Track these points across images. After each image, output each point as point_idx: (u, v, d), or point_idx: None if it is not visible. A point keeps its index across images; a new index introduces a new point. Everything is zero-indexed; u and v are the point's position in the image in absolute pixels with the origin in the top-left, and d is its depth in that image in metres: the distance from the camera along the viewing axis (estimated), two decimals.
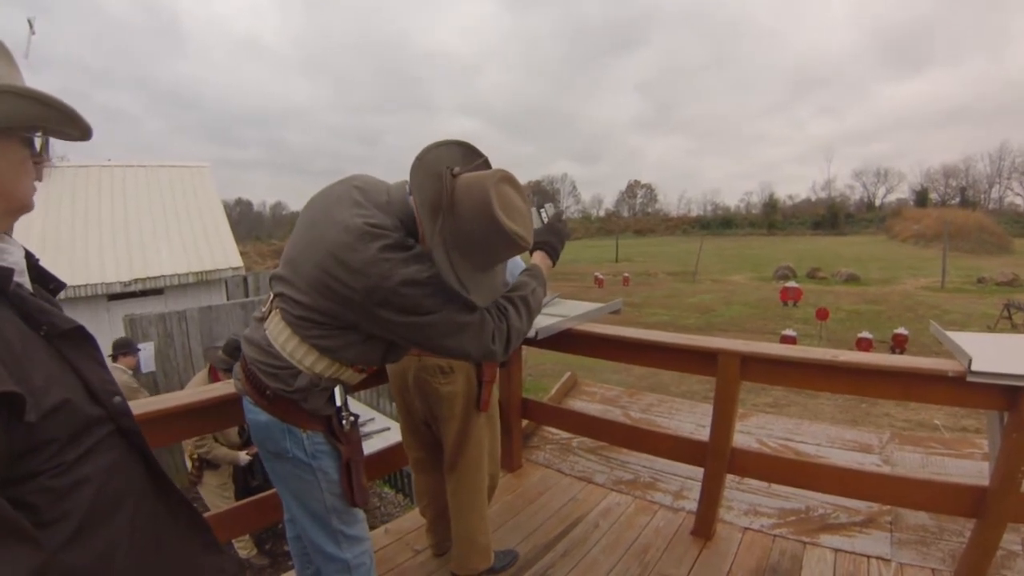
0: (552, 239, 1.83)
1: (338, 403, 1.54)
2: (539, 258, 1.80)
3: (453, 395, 2.05)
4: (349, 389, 1.60)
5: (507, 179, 1.39)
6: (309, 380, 1.45)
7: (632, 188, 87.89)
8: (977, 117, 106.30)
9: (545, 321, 2.57)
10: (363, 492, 1.61)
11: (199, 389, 2.12)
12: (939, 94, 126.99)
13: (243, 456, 4.49)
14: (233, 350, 4.33)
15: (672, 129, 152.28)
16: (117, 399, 0.96)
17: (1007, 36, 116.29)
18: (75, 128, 0.93)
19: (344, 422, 1.55)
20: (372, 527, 2.64)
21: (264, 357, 1.47)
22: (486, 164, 1.47)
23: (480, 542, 2.21)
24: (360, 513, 1.68)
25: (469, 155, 1.46)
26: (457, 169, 1.35)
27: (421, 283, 1.31)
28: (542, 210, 1.95)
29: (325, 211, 1.42)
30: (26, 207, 0.94)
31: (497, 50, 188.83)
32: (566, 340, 2.70)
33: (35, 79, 0.94)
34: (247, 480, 4.63)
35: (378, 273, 1.29)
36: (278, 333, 1.45)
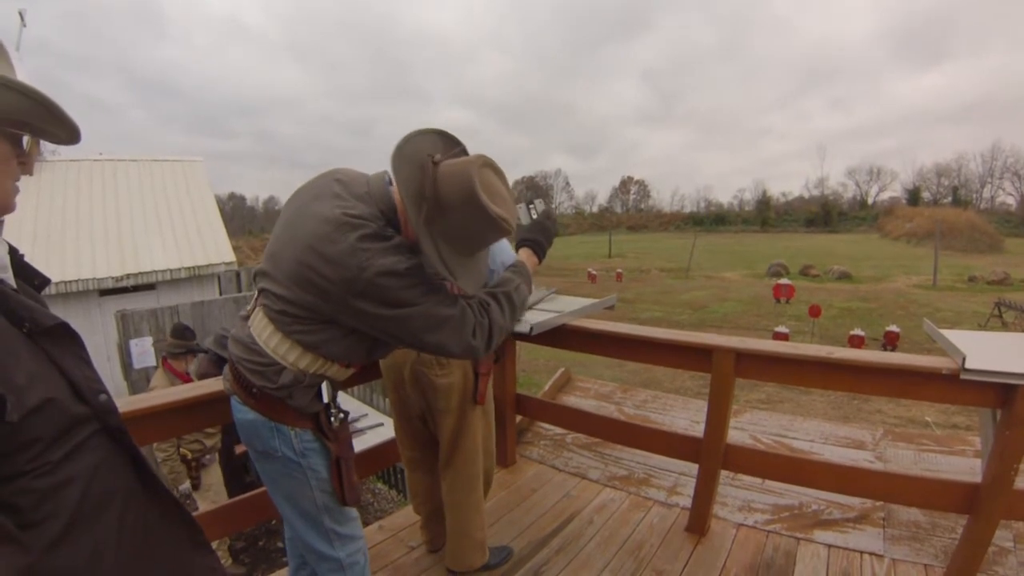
0: (539, 236, 1.83)
1: (325, 400, 1.52)
2: (525, 255, 1.79)
3: (449, 387, 2.05)
4: (338, 385, 1.59)
5: (489, 165, 1.39)
6: (294, 376, 1.43)
7: (625, 184, 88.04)
8: (989, 114, 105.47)
9: (539, 317, 2.56)
10: (354, 490, 1.59)
11: (189, 386, 2.10)
12: (952, 90, 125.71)
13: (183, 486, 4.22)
14: (220, 345, 4.27)
15: (673, 122, 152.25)
16: (102, 397, 0.94)
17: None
18: (62, 129, 0.90)
19: (333, 419, 1.54)
20: (366, 523, 2.63)
21: (248, 355, 1.45)
22: (464, 152, 1.47)
23: (476, 537, 2.20)
24: (352, 511, 1.67)
25: (448, 143, 1.45)
26: (438, 157, 1.35)
27: (399, 274, 1.30)
28: (531, 206, 1.94)
29: (305, 204, 1.40)
30: (5, 208, 0.91)
31: (494, 37, 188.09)
32: (561, 336, 2.69)
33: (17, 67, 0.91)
34: (242, 477, 4.59)
35: (355, 264, 1.27)
36: (261, 329, 1.44)
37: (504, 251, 1.88)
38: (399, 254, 1.31)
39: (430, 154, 1.34)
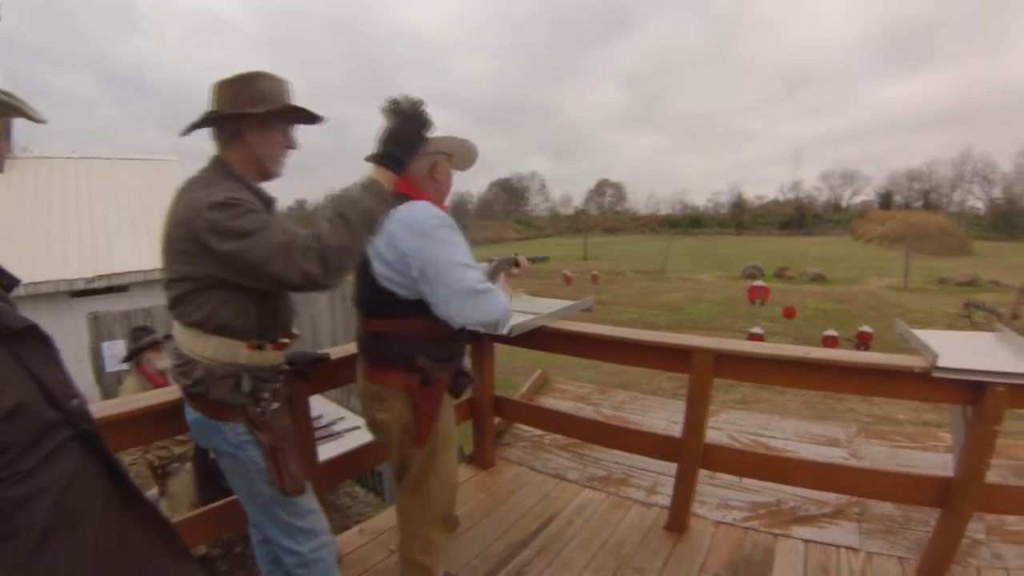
0: (392, 148, 1.61)
1: (245, 390, 1.54)
2: (375, 172, 1.61)
3: (387, 423, 1.91)
4: (260, 375, 1.58)
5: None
6: (205, 369, 1.49)
7: (601, 187, 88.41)
8: (961, 121, 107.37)
9: (517, 319, 2.56)
10: (294, 480, 1.60)
11: (166, 390, 2.06)
12: (926, 97, 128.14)
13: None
14: None
15: (651, 126, 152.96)
16: (75, 401, 0.91)
17: (1007, 37, 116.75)
18: (20, 115, 0.88)
19: (261, 409, 1.57)
20: (345, 527, 2.61)
21: (175, 360, 1.56)
22: None
23: (416, 561, 2.06)
24: (309, 504, 1.69)
25: None
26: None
27: (224, 204, 1.39)
28: (394, 106, 1.65)
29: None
30: None
31: (472, 37, 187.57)
32: (539, 338, 2.69)
33: None
34: (218, 481, 4.51)
35: (192, 210, 1.40)
36: (174, 332, 1.56)
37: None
38: (223, 191, 1.44)
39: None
